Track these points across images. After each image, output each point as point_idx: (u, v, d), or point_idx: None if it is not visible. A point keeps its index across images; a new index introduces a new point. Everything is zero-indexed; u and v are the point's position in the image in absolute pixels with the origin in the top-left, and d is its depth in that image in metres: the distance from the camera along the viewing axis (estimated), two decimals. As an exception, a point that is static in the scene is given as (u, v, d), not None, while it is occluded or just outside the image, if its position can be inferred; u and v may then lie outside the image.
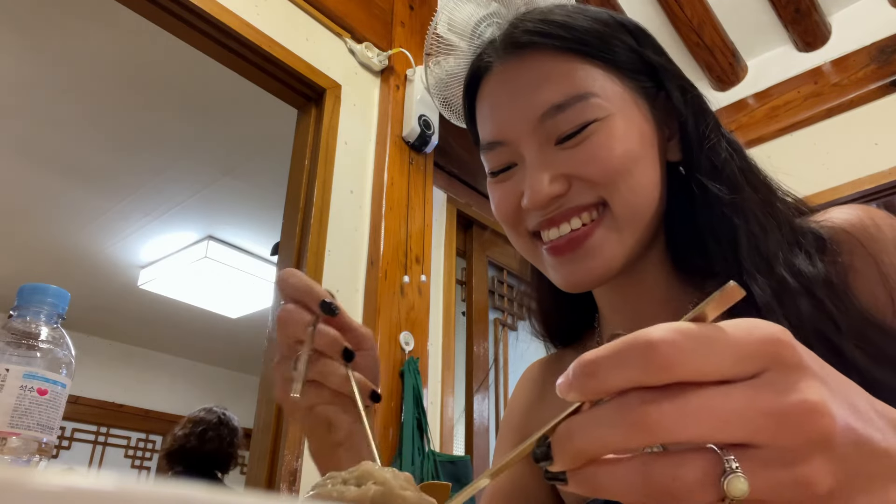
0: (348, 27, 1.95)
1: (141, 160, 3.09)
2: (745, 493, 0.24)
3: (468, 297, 2.27)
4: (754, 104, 2.69)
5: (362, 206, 1.84)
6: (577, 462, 0.26)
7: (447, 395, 1.92)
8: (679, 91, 0.57)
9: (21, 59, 2.46)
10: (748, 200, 0.53)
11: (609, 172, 0.53)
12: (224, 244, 3.84)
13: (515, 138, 0.56)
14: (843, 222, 0.52)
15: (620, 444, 0.25)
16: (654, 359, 0.24)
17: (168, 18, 1.61)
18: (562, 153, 0.54)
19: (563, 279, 0.55)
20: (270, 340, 1.65)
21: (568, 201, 0.54)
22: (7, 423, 0.51)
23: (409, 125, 1.90)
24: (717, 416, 0.24)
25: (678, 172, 0.58)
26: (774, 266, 0.50)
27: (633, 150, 0.53)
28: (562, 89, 0.54)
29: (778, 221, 0.53)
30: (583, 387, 0.26)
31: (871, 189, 2.32)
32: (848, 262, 0.50)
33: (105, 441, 5.00)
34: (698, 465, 0.24)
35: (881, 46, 2.42)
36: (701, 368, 0.24)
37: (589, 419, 0.26)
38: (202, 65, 1.98)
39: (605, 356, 0.25)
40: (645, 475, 0.24)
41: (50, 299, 0.57)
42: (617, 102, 0.54)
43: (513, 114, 0.56)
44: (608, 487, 0.25)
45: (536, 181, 0.54)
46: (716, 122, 0.58)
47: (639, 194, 0.53)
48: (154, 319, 4.81)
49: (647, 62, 0.57)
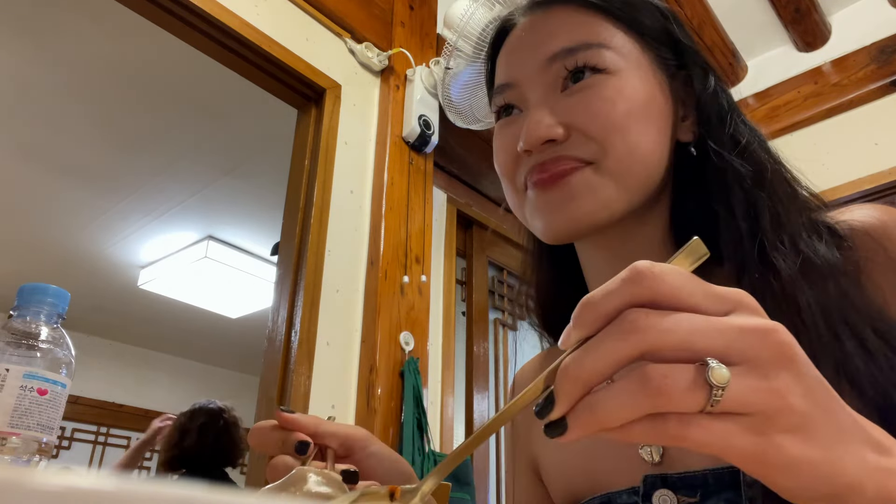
0: (348, 27, 1.95)
1: (141, 160, 3.09)
2: (727, 379, 0.26)
3: (468, 297, 2.27)
4: (754, 104, 2.69)
5: (362, 206, 1.84)
6: (577, 393, 0.28)
7: (447, 395, 1.92)
8: (701, 70, 0.57)
9: (21, 59, 2.46)
10: (773, 178, 0.52)
11: (608, 127, 0.51)
12: (224, 244, 3.84)
13: (523, 80, 0.56)
14: (863, 224, 0.50)
15: (616, 352, 0.27)
16: (641, 280, 0.28)
17: (168, 18, 1.61)
18: (565, 100, 0.53)
19: (544, 225, 0.53)
20: (270, 341, 1.65)
21: (562, 149, 0.52)
22: (7, 423, 0.51)
23: (409, 125, 1.90)
24: (697, 328, 0.27)
25: (687, 154, 0.56)
26: (798, 242, 0.48)
27: (637, 110, 0.52)
28: (578, 35, 0.54)
29: (799, 207, 0.52)
30: (582, 318, 0.28)
31: (871, 189, 2.32)
32: (864, 266, 0.48)
33: (105, 441, 5.00)
34: (687, 368, 0.27)
35: (881, 46, 2.42)
36: (680, 293, 0.28)
37: (584, 347, 0.28)
38: (202, 65, 1.98)
39: (599, 290, 0.29)
40: (641, 380, 0.27)
41: (50, 299, 0.57)
42: (632, 62, 0.54)
43: (525, 56, 0.56)
44: (608, 407, 0.27)
45: (535, 119, 0.53)
46: (737, 109, 0.57)
47: (634, 154, 0.51)
48: (154, 319, 4.81)
49: (672, 36, 0.57)
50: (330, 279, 1.66)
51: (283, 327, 1.61)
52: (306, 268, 1.64)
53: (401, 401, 1.62)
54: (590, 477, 0.55)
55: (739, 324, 0.28)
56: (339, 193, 1.77)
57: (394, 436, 1.58)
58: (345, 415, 1.59)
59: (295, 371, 1.53)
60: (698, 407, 0.27)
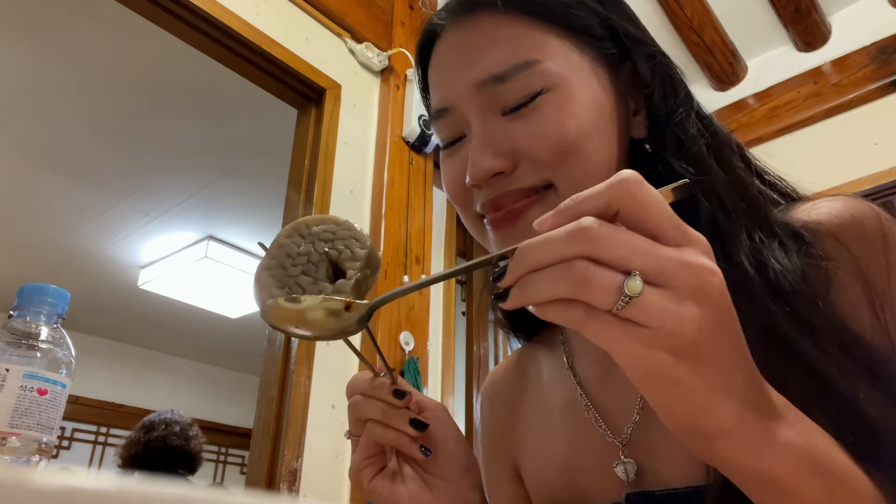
0: (348, 27, 1.95)
1: (141, 160, 3.09)
2: (639, 290, 0.29)
3: (468, 298, 2.27)
4: (754, 104, 2.69)
5: (362, 206, 1.84)
6: (521, 272, 0.32)
7: (447, 394, 1.92)
8: (646, 59, 0.53)
9: (21, 58, 2.46)
10: (713, 181, 0.49)
11: (557, 151, 0.48)
12: (224, 244, 3.84)
13: (457, 103, 0.52)
14: (829, 224, 0.47)
15: (561, 250, 0.31)
16: (625, 187, 0.31)
17: (168, 18, 1.61)
18: (509, 125, 0.50)
19: None
20: (270, 341, 1.65)
21: (512, 182, 0.50)
22: (7, 422, 0.51)
23: (408, 125, 1.91)
24: (639, 247, 0.30)
25: (643, 151, 0.54)
26: (734, 253, 0.46)
27: (586, 124, 0.49)
28: (504, 57, 0.50)
29: (750, 208, 0.49)
30: (564, 209, 0.32)
31: (871, 189, 2.32)
32: (831, 272, 0.45)
33: (105, 441, 5.00)
34: (610, 272, 0.30)
35: (881, 46, 2.42)
36: (650, 210, 0.31)
37: (542, 237, 0.32)
38: (202, 65, 1.98)
39: (587, 191, 0.32)
40: (568, 269, 0.30)
41: (50, 299, 0.57)
42: (571, 70, 0.50)
43: (456, 78, 0.52)
44: (536, 285, 0.31)
45: (478, 154, 0.50)
46: (687, 95, 0.53)
47: (589, 175, 0.48)
48: (154, 319, 4.80)
49: (611, 27, 0.53)
50: (330, 279, 1.66)
51: (283, 327, 1.61)
52: (306, 268, 1.63)
53: (401, 401, 1.62)
54: (570, 489, 0.55)
55: (680, 256, 0.31)
56: (339, 193, 1.77)
57: (394, 436, 1.58)
58: (344, 415, 1.59)
59: (295, 371, 1.53)
60: (606, 306, 0.30)
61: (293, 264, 0.46)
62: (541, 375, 0.63)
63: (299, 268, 0.46)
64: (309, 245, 0.47)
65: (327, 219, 0.49)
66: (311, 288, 0.45)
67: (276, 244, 0.48)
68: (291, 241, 0.48)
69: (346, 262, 0.46)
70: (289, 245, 0.47)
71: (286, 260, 0.47)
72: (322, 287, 0.45)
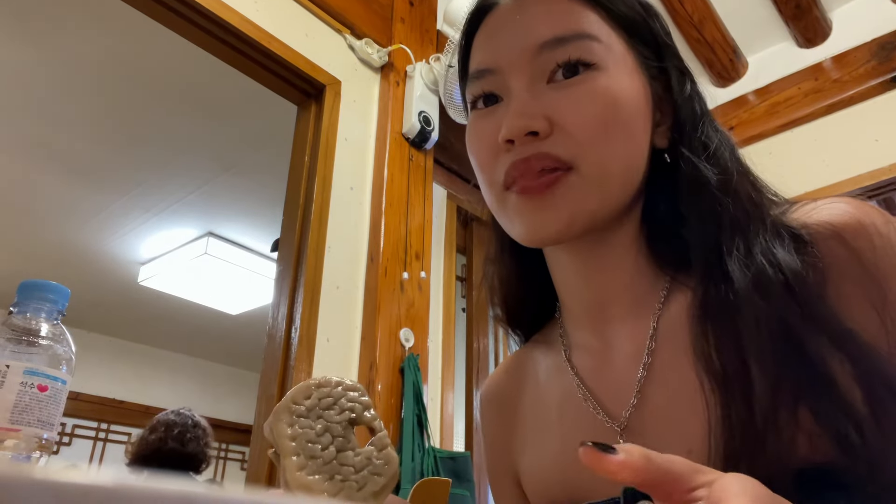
0: (348, 23, 1.95)
1: (141, 156, 3.09)
2: None
3: (468, 294, 2.27)
4: (755, 100, 2.69)
5: (362, 203, 1.84)
6: None
7: (447, 391, 1.93)
8: (679, 73, 0.55)
9: (20, 55, 2.46)
10: (738, 183, 0.51)
11: (593, 128, 0.49)
12: (224, 241, 3.84)
13: (507, 67, 0.53)
14: (830, 227, 0.47)
15: None
16: None
17: (168, 15, 1.61)
18: (551, 93, 0.51)
19: (526, 229, 0.51)
20: (270, 337, 1.65)
21: (544, 145, 0.50)
22: (7, 419, 0.51)
23: (408, 121, 1.90)
24: None
25: (662, 161, 0.55)
26: (754, 251, 0.47)
27: (626, 113, 0.50)
28: (569, 23, 0.51)
29: (762, 212, 0.51)
30: (636, 468, 0.31)
31: (872, 185, 2.32)
32: (829, 274, 0.46)
33: (106, 437, 5.01)
34: None
35: (882, 43, 2.42)
36: None
37: None
38: (202, 61, 1.98)
39: (675, 465, 0.31)
40: None
41: (50, 296, 0.57)
42: (618, 59, 0.52)
43: (510, 41, 0.53)
44: None
45: (520, 107, 0.50)
46: (711, 116, 0.56)
47: (614, 161, 0.50)
48: (154, 316, 4.81)
49: (654, 35, 0.55)
50: (330, 276, 1.67)
51: (284, 324, 1.61)
52: (306, 264, 1.64)
53: (401, 397, 1.62)
54: (568, 487, 0.55)
55: None
56: (339, 190, 1.77)
57: (394, 432, 1.58)
58: (345, 411, 1.60)
59: (295, 367, 1.53)
60: None
61: (322, 448, 0.41)
62: (539, 375, 0.63)
63: (332, 449, 0.41)
64: (322, 421, 0.42)
65: (306, 389, 0.43)
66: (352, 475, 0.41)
67: (287, 436, 0.41)
68: (302, 428, 0.41)
69: (364, 415, 0.43)
70: (306, 432, 0.41)
71: (312, 449, 0.41)
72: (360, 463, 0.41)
